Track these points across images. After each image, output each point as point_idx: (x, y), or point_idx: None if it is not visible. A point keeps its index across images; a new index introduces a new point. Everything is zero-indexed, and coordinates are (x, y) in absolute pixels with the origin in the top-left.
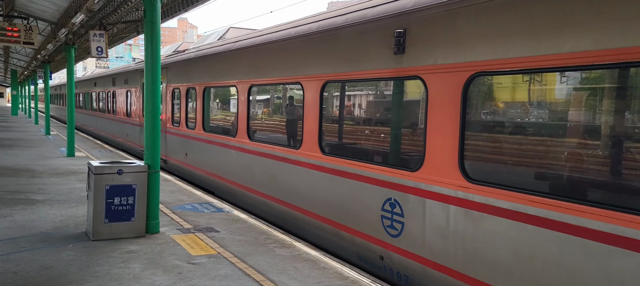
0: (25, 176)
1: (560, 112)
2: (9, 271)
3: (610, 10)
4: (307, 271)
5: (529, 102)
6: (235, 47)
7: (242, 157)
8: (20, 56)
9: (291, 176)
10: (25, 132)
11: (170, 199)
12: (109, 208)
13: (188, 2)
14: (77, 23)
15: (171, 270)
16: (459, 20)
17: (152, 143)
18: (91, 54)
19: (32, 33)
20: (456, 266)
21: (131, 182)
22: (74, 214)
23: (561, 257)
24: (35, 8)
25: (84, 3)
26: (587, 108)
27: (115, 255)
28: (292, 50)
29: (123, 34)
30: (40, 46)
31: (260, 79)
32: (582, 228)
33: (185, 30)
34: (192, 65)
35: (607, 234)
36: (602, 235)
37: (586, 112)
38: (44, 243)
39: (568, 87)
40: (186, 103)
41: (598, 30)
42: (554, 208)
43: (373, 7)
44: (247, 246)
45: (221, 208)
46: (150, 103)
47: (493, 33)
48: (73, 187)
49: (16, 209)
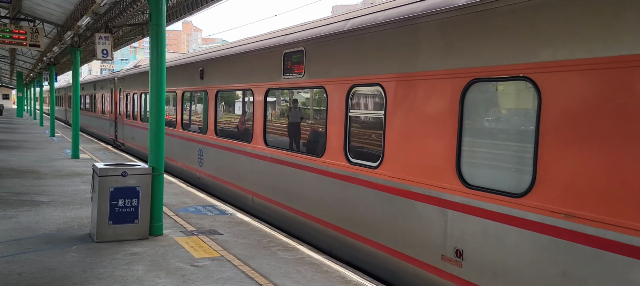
0: (30, 178)
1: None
2: (13, 272)
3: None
4: (310, 274)
5: (365, 105)
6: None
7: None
8: (26, 58)
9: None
10: (31, 134)
11: (173, 202)
12: (113, 210)
13: (193, 5)
14: (83, 26)
15: (174, 272)
16: (337, 48)
17: (157, 145)
18: (97, 56)
19: (38, 35)
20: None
21: (135, 184)
22: (78, 215)
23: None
24: (42, 11)
25: (90, 6)
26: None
27: (118, 257)
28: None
29: (128, 37)
30: (46, 49)
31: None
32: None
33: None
34: (133, 78)
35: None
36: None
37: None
38: (48, 245)
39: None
40: (132, 103)
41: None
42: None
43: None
44: (250, 249)
45: (224, 210)
46: (154, 106)
47: (362, 58)
48: (77, 189)
49: (21, 210)
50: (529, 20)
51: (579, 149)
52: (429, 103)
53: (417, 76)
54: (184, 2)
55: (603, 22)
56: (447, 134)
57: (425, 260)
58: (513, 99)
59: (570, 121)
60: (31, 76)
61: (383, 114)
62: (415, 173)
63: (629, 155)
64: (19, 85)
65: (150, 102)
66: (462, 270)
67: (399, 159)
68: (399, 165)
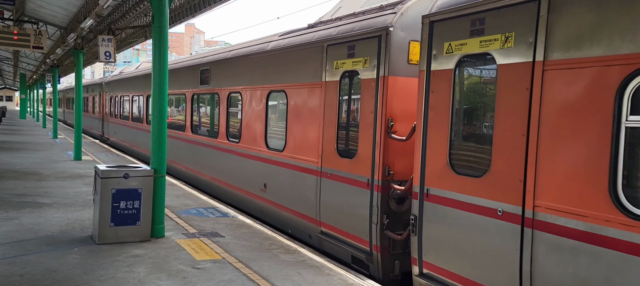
0: (32, 179)
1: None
2: (15, 273)
3: None
4: (311, 277)
5: (241, 105)
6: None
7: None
8: (29, 60)
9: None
10: (33, 135)
11: (175, 204)
12: (115, 212)
13: (195, 7)
14: (86, 28)
15: (176, 274)
16: (223, 69)
17: (159, 147)
18: (99, 58)
19: (42, 37)
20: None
21: (137, 186)
22: (80, 217)
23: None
24: (45, 13)
25: (93, 8)
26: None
27: (120, 259)
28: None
29: (131, 39)
30: (49, 51)
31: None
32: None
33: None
34: (116, 83)
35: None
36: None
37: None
38: (50, 246)
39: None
40: (115, 104)
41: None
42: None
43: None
44: (251, 251)
45: (226, 212)
46: (157, 108)
47: (232, 76)
48: (79, 190)
49: (23, 212)
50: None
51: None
52: (257, 103)
53: (254, 88)
54: (187, 5)
55: None
56: (261, 118)
57: (251, 190)
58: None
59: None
60: (34, 78)
61: (240, 110)
62: (249, 142)
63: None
64: (22, 87)
65: (153, 104)
66: (266, 194)
67: (248, 137)
68: (248, 140)
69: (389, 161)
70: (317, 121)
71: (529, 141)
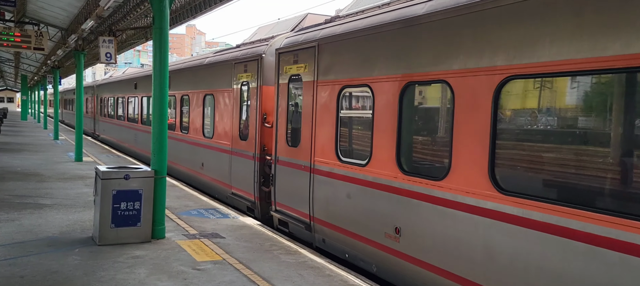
0: (33, 181)
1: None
2: (16, 275)
3: None
4: (312, 278)
5: (206, 105)
6: (117, 79)
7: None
8: (30, 62)
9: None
10: (34, 136)
11: (176, 205)
12: (116, 213)
13: (196, 9)
14: (87, 29)
15: (176, 275)
16: (184, 76)
17: (160, 148)
18: (100, 59)
19: (43, 39)
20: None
21: (138, 187)
22: (81, 218)
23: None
24: (46, 14)
25: (94, 9)
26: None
27: (121, 260)
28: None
29: (132, 40)
30: (50, 52)
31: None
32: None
33: (193, 36)
34: (105, 86)
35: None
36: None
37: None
38: (51, 248)
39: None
40: (105, 105)
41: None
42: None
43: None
44: (252, 252)
45: (227, 213)
46: (157, 109)
47: (192, 82)
48: (80, 192)
49: (24, 213)
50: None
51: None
52: (198, 103)
53: (197, 92)
54: (188, 6)
55: None
56: (200, 115)
57: (194, 168)
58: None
59: None
60: (35, 79)
61: (202, 108)
62: (193, 133)
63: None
64: (23, 88)
65: (153, 105)
66: (203, 170)
67: (192, 128)
68: (193, 131)
69: (264, 141)
70: (229, 116)
71: (313, 124)
